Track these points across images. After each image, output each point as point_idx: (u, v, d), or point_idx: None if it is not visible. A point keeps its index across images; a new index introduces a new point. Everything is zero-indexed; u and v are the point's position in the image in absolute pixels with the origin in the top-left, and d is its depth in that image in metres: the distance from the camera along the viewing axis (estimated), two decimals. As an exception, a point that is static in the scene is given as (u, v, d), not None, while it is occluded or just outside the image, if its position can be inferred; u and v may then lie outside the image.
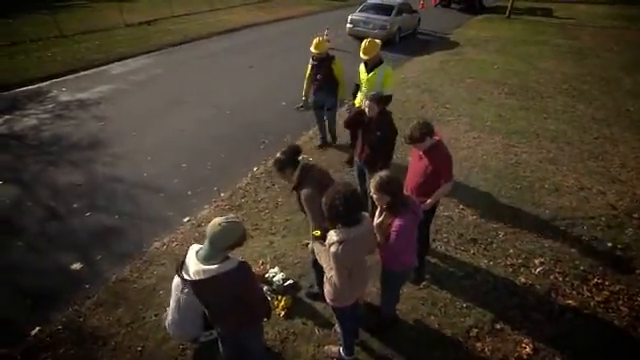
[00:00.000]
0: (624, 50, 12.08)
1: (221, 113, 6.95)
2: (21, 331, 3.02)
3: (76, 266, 3.67)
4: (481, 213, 4.31)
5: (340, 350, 2.70)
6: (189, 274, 1.82)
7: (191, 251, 1.88)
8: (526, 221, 4.22)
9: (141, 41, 11.76)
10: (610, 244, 3.93)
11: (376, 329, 2.96)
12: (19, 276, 3.57)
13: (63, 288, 3.42)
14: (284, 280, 3.34)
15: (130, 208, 4.45)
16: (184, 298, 2.58)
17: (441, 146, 2.92)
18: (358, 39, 10.43)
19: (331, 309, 2.50)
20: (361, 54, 4.36)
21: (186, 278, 1.85)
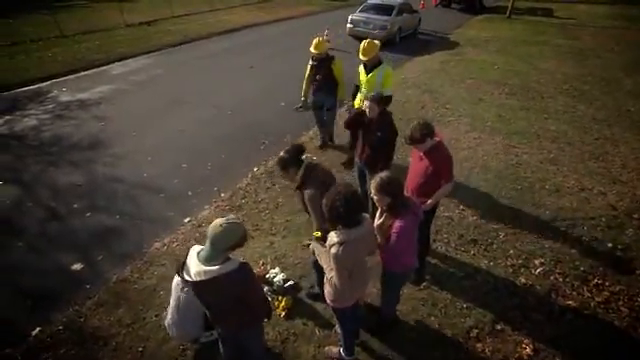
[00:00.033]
0: (625, 50, 12.08)
1: (221, 113, 6.95)
2: (22, 331, 3.02)
3: (77, 266, 3.68)
4: (481, 214, 4.31)
5: (340, 351, 2.70)
6: (190, 275, 1.82)
7: (192, 252, 1.89)
8: (526, 222, 4.22)
9: (141, 41, 11.78)
10: (610, 245, 3.93)
11: (376, 330, 2.97)
12: (20, 276, 3.58)
13: (64, 288, 3.42)
14: (285, 281, 3.34)
15: (130, 208, 4.46)
16: (184, 297, 2.58)
17: (441, 147, 2.92)
18: (358, 39, 10.40)
19: (331, 310, 2.50)
20: (360, 55, 4.35)
21: (187, 279, 1.85)
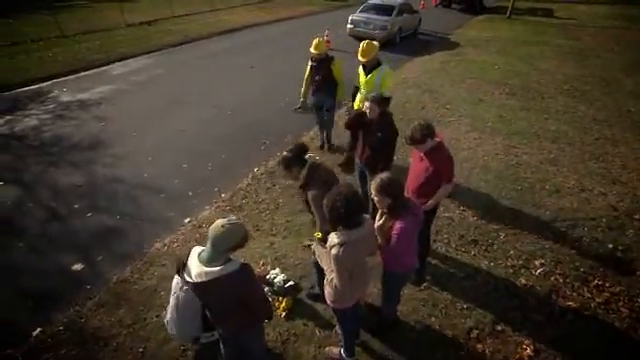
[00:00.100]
0: (625, 50, 12.08)
1: (222, 113, 6.96)
2: (23, 332, 3.03)
3: (77, 267, 3.68)
4: (482, 214, 4.31)
5: (341, 351, 2.70)
6: (191, 276, 1.83)
7: (193, 253, 1.89)
8: (527, 222, 4.22)
9: (142, 41, 11.78)
10: (611, 245, 3.93)
11: (377, 330, 2.97)
12: (20, 277, 3.58)
13: (64, 289, 3.43)
14: (285, 281, 3.34)
15: (131, 209, 4.46)
16: (183, 296, 2.59)
17: (442, 147, 2.92)
18: (358, 39, 10.41)
19: (332, 310, 2.50)
20: (359, 56, 4.32)
21: (188, 280, 1.86)
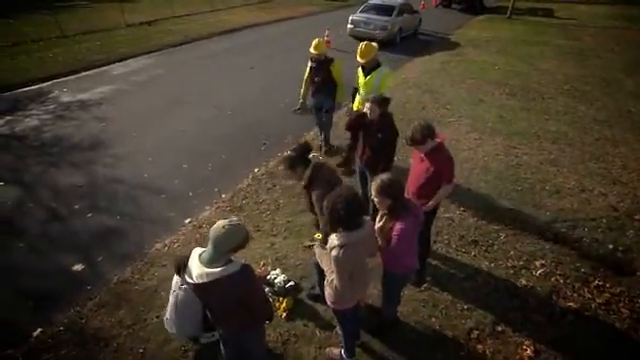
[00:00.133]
0: (625, 51, 12.09)
1: (222, 114, 6.96)
2: (23, 332, 3.03)
3: (77, 267, 3.68)
4: (482, 215, 4.31)
5: (341, 352, 2.70)
6: (192, 277, 1.83)
7: (194, 254, 1.89)
8: (527, 223, 4.22)
9: (142, 41, 11.78)
10: (611, 246, 3.93)
11: (377, 331, 2.97)
12: (21, 277, 3.58)
13: (65, 289, 3.43)
14: (285, 282, 3.34)
15: (131, 209, 4.46)
16: (182, 295, 2.60)
17: (442, 148, 2.91)
18: (359, 40, 10.41)
19: (332, 311, 2.50)
20: (358, 57, 4.30)
21: (189, 281, 1.86)
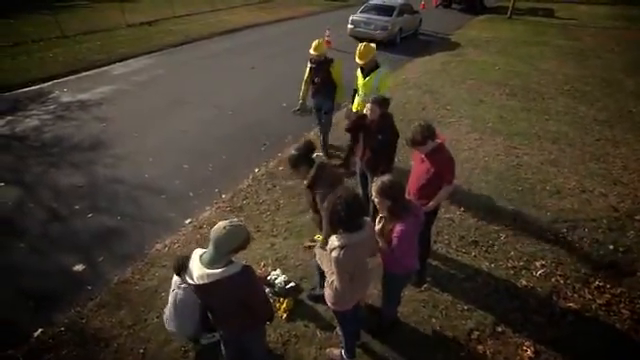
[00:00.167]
0: (625, 51, 12.07)
1: (222, 114, 6.96)
2: (24, 332, 3.03)
3: (78, 268, 3.69)
4: (482, 215, 4.31)
5: (342, 352, 2.70)
6: (192, 278, 1.83)
7: (194, 255, 1.89)
8: (527, 223, 4.22)
9: (142, 41, 11.79)
10: (612, 247, 3.93)
11: (377, 331, 2.97)
12: (21, 277, 3.58)
13: (65, 290, 3.43)
14: (286, 282, 3.34)
15: (132, 209, 4.47)
16: (181, 293, 2.61)
17: (443, 149, 2.91)
18: (359, 40, 10.43)
19: (332, 312, 2.51)
20: (357, 59, 4.29)
21: (190, 282, 1.86)
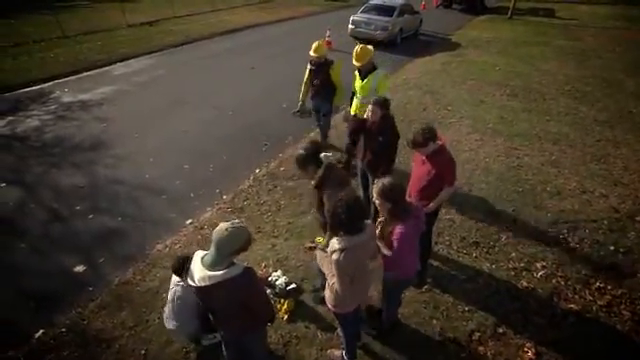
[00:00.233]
0: (626, 51, 12.05)
1: (223, 114, 6.96)
2: (25, 333, 3.04)
3: (79, 268, 3.69)
4: (483, 216, 4.31)
5: (343, 354, 2.71)
6: (194, 280, 1.83)
7: (196, 257, 1.90)
8: (528, 224, 4.22)
9: (143, 42, 11.79)
10: (612, 247, 3.93)
11: (378, 332, 2.97)
12: (22, 278, 3.59)
13: (66, 290, 3.44)
14: (287, 284, 3.34)
15: (132, 210, 4.47)
16: (179, 291, 2.61)
17: (444, 150, 2.92)
18: (360, 40, 10.43)
19: (333, 314, 2.51)
20: (354, 61, 4.27)
21: (191, 284, 1.86)
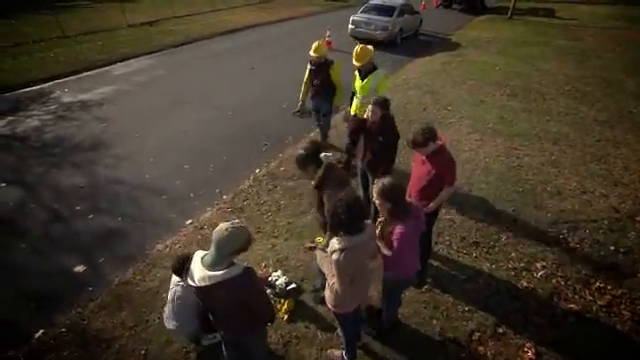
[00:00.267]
0: (626, 51, 12.05)
1: (223, 114, 6.96)
2: (25, 333, 3.04)
3: (79, 268, 3.69)
4: (483, 216, 4.31)
5: (343, 354, 2.71)
6: (194, 280, 1.83)
7: (196, 257, 1.90)
8: (528, 224, 4.22)
9: (143, 42, 11.79)
10: (612, 247, 3.93)
11: (378, 332, 2.97)
12: (22, 278, 3.59)
13: (66, 290, 3.44)
14: (287, 284, 3.34)
15: (133, 210, 4.47)
16: (179, 291, 2.61)
17: (444, 151, 2.92)
18: (360, 40, 10.44)
19: (333, 314, 2.51)
20: (354, 61, 4.27)
21: (191, 284, 1.86)
